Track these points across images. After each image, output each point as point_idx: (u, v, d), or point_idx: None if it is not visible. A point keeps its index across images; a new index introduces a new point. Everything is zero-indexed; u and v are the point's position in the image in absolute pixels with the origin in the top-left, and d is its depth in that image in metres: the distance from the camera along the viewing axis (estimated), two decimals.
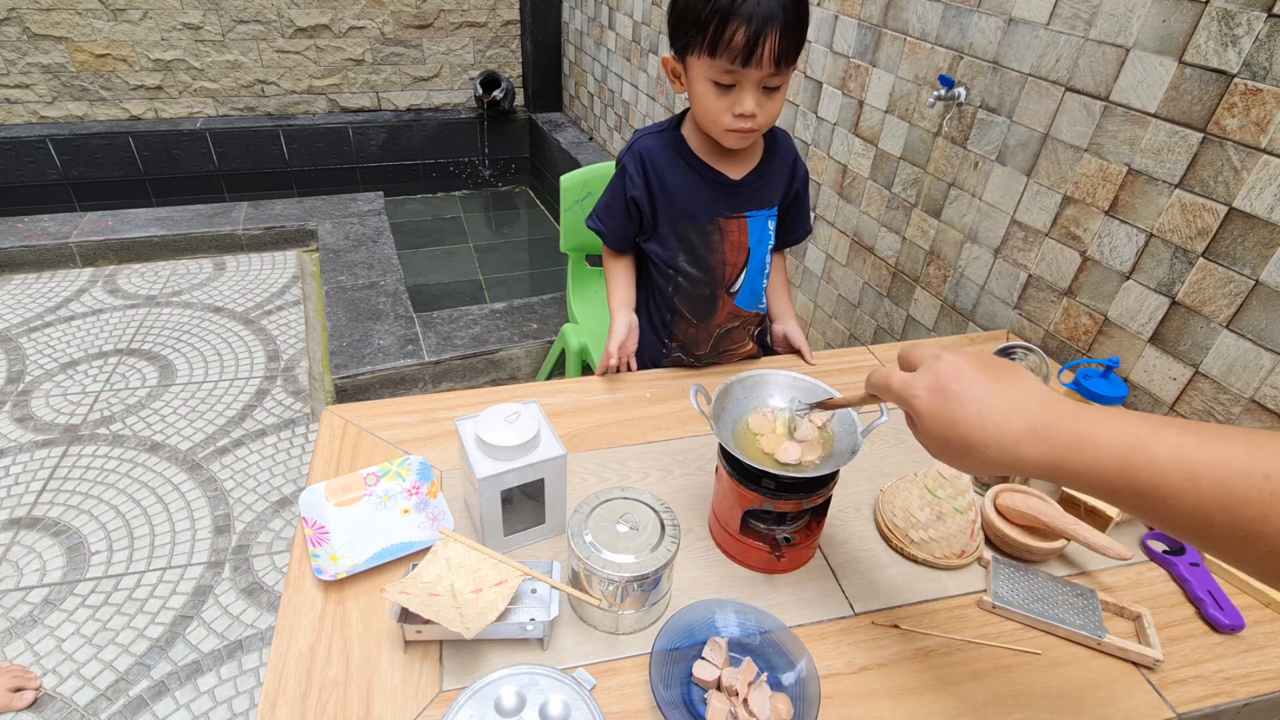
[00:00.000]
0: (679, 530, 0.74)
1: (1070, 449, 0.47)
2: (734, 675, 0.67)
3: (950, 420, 0.52)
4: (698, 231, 1.08)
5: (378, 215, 3.07)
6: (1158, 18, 1.04)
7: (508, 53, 3.92)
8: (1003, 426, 0.50)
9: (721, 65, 0.89)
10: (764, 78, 0.90)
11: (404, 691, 0.68)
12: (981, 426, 0.51)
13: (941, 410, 0.53)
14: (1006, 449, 0.50)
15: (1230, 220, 0.99)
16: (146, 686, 1.37)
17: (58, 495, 1.76)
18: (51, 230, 2.70)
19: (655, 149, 1.05)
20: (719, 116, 0.94)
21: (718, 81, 0.92)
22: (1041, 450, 0.48)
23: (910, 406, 0.55)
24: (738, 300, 1.14)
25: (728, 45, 0.87)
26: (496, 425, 0.77)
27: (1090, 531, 0.81)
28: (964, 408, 0.52)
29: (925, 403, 0.53)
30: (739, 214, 1.08)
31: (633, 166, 1.06)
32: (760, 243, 1.11)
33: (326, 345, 2.30)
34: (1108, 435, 0.46)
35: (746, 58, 0.87)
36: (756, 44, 0.86)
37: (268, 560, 1.63)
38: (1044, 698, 0.71)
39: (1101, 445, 0.46)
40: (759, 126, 0.95)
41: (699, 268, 1.10)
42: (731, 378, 0.84)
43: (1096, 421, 0.47)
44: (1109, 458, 0.45)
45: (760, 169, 1.08)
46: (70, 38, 3.23)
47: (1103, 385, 1.11)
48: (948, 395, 0.53)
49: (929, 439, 0.54)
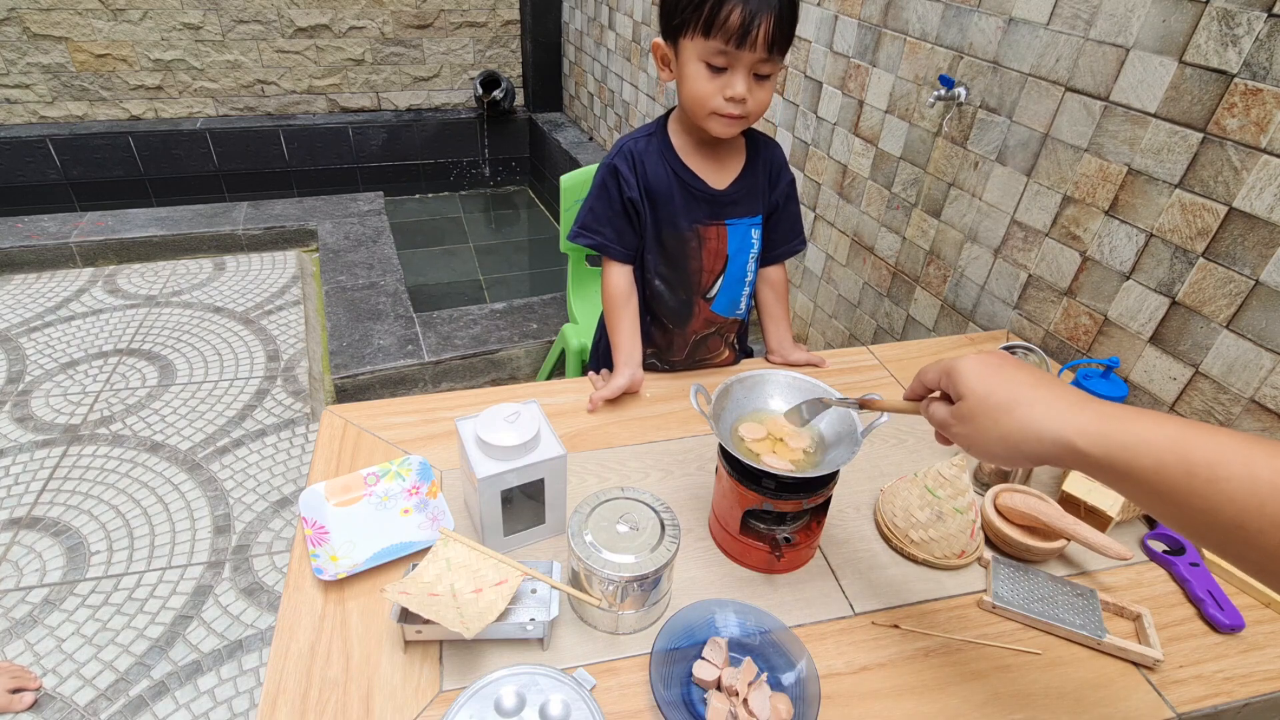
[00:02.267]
0: (679, 530, 0.74)
1: (1123, 419, 0.47)
2: (734, 675, 0.67)
3: (1001, 376, 0.53)
4: (675, 238, 1.06)
5: (378, 215, 3.07)
6: (1158, 18, 1.04)
7: (508, 53, 3.92)
8: (1057, 393, 0.51)
9: (715, 45, 0.90)
10: (756, 62, 0.91)
11: (404, 691, 0.68)
12: (1033, 385, 0.52)
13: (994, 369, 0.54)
14: (1060, 410, 0.50)
15: (1230, 220, 0.99)
16: (146, 686, 1.37)
17: (58, 495, 1.76)
18: (51, 230, 2.70)
19: (644, 152, 1.04)
20: (708, 99, 0.94)
21: (710, 63, 0.92)
22: (1093, 417, 0.48)
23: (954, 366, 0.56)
24: (714, 306, 1.13)
25: (723, 25, 0.88)
26: (496, 425, 0.77)
27: (1090, 531, 0.81)
28: (1017, 371, 0.54)
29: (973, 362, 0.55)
30: (718, 221, 1.07)
31: (625, 167, 1.04)
32: (741, 251, 1.09)
33: (326, 345, 2.30)
34: (1161, 416, 0.47)
35: (741, 38, 0.88)
36: (751, 25, 0.87)
37: (268, 560, 1.63)
38: (1044, 698, 0.71)
39: (1158, 420, 0.46)
40: (747, 114, 0.95)
41: (675, 273, 1.09)
42: (731, 378, 0.84)
43: (1146, 410, 0.48)
44: (1166, 429, 0.45)
45: (743, 177, 1.07)
46: (70, 38, 3.23)
47: (1103, 385, 1.11)
48: (1004, 360, 0.55)
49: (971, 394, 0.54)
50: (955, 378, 0.56)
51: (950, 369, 0.57)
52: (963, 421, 0.55)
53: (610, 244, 1.07)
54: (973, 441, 0.55)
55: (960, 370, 0.56)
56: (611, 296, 1.09)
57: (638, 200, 1.04)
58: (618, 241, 1.07)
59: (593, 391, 1.08)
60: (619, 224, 1.06)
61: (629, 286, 1.10)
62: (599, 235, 1.07)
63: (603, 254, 1.09)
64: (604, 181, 1.06)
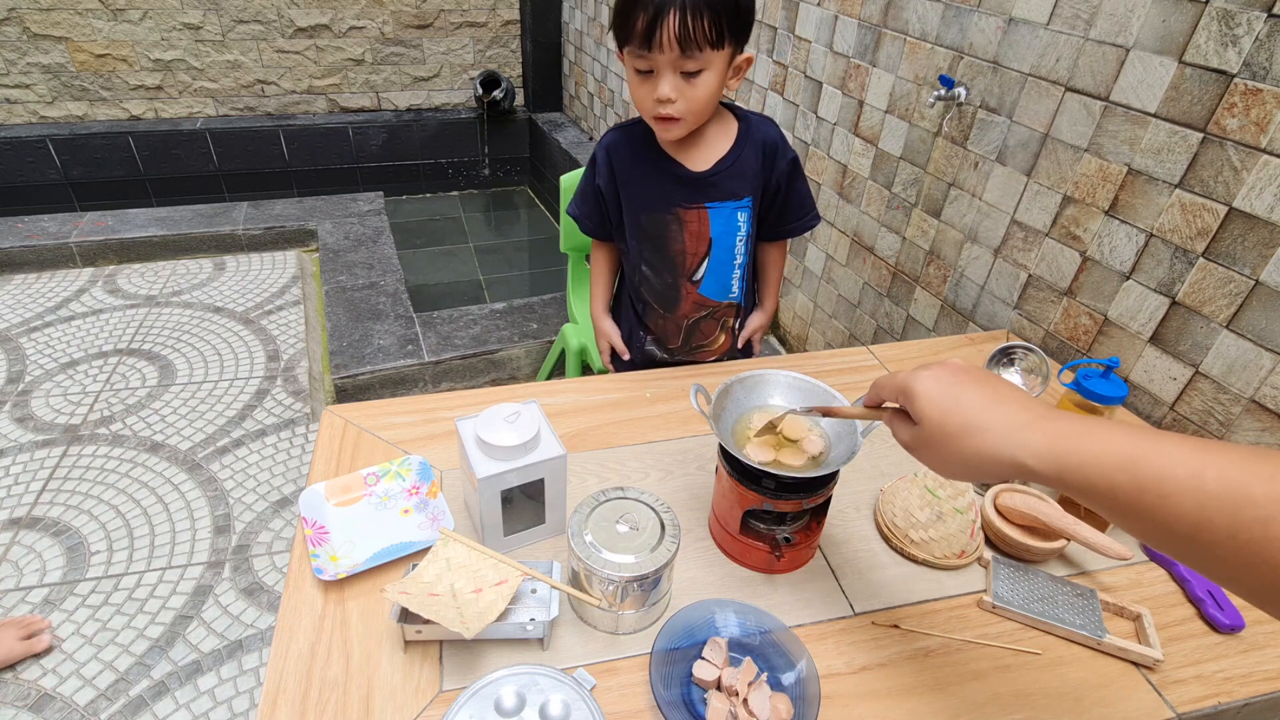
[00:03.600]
0: (679, 530, 0.74)
1: (1073, 438, 0.47)
2: (734, 675, 0.67)
3: (953, 398, 0.52)
4: (655, 221, 1.10)
5: (378, 215, 3.07)
6: (1158, 18, 1.04)
7: (508, 53, 3.92)
8: (1010, 411, 0.50)
9: (635, 51, 0.93)
10: (674, 61, 0.92)
11: (404, 691, 0.68)
12: (985, 407, 0.51)
13: (947, 389, 0.53)
14: (1011, 432, 0.49)
15: (1230, 220, 0.99)
16: (146, 686, 1.37)
17: (58, 495, 1.76)
18: (51, 230, 2.70)
19: (621, 142, 1.10)
20: (643, 104, 0.98)
21: (637, 69, 0.96)
22: (1044, 438, 0.48)
23: (910, 388, 0.55)
24: (702, 289, 1.15)
25: (634, 31, 0.91)
26: (496, 425, 0.77)
27: (1090, 531, 0.81)
28: (970, 390, 0.52)
29: (929, 382, 0.54)
30: (698, 205, 1.08)
31: (601, 157, 1.11)
32: (726, 234, 1.11)
33: (326, 345, 2.30)
34: (1113, 430, 0.46)
35: (647, 40, 0.90)
36: (655, 26, 0.89)
37: (268, 560, 1.63)
38: (1044, 698, 0.71)
39: (1108, 437, 0.46)
40: (681, 114, 0.97)
41: (659, 256, 1.13)
42: (731, 378, 0.84)
43: (1100, 422, 0.47)
44: (1115, 448, 0.45)
45: (727, 160, 1.07)
46: (70, 38, 3.23)
47: (1103, 385, 1.10)
48: (956, 379, 0.54)
49: (927, 419, 0.53)
50: (910, 401, 0.55)
51: (905, 389, 0.56)
52: (923, 447, 0.55)
53: (583, 219, 1.19)
54: (935, 465, 0.55)
55: (914, 392, 0.55)
56: (593, 248, 1.26)
57: (604, 188, 1.12)
58: (588, 219, 1.18)
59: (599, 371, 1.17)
60: (590, 205, 1.17)
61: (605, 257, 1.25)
62: (578, 209, 1.19)
63: (577, 224, 1.20)
64: (588, 166, 1.16)
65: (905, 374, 0.57)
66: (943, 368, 0.55)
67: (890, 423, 0.60)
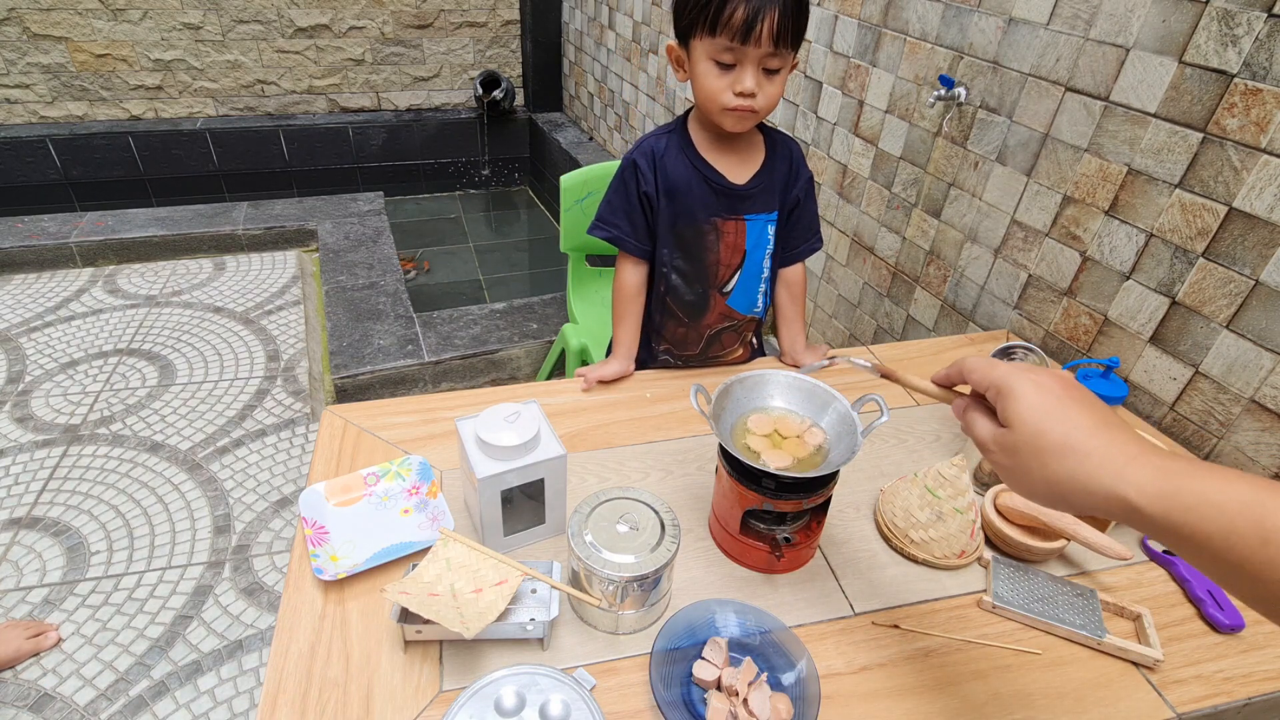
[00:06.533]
0: (679, 530, 0.74)
1: (1188, 476, 0.42)
2: (734, 675, 0.67)
3: (1058, 413, 0.47)
4: (694, 230, 1.08)
5: (378, 215, 3.07)
6: (1158, 18, 1.04)
7: (508, 53, 3.92)
8: (1118, 440, 0.45)
9: (722, 43, 0.93)
10: (763, 57, 0.93)
11: (404, 691, 0.68)
12: (1092, 431, 0.46)
13: (1054, 400, 0.48)
14: (1117, 462, 0.44)
15: (1230, 220, 0.99)
16: (146, 686, 1.37)
17: (58, 495, 1.76)
18: (51, 230, 2.70)
19: (663, 148, 1.07)
20: (719, 95, 0.97)
21: (719, 60, 0.95)
22: (1154, 474, 0.43)
23: (1010, 386, 0.50)
24: (730, 301, 1.14)
25: (728, 22, 0.90)
26: (496, 425, 0.77)
27: (1090, 531, 0.81)
28: (1076, 409, 0.47)
29: (1033, 386, 0.49)
30: (737, 216, 1.08)
31: (645, 163, 1.07)
32: (758, 246, 1.11)
33: (326, 345, 2.30)
34: (1233, 473, 0.42)
35: (745, 34, 0.90)
36: (755, 21, 0.90)
37: (268, 560, 1.63)
38: (1044, 698, 0.71)
39: (1229, 478, 0.41)
40: (758, 108, 0.97)
41: (692, 265, 1.11)
42: (731, 378, 0.84)
43: (1215, 465, 0.43)
44: (1238, 492, 0.40)
45: (762, 174, 1.08)
46: (70, 38, 3.23)
47: (1103, 385, 1.11)
48: (1067, 392, 0.48)
49: (1020, 426, 0.48)
50: (1007, 401, 0.49)
51: (1004, 388, 0.50)
52: (1005, 453, 0.50)
53: (625, 237, 1.10)
54: (1012, 476, 0.50)
55: (1015, 394, 0.49)
56: (621, 291, 1.13)
57: (653, 195, 1.07)
58: (632, 235, 1.10)
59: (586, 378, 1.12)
60: (635, 218, 1.09)
61: (639, 285, 1.13)
62: (615, 228, 1.10)
63: (618, 247, 1.11)
64: (623, 176, 1.09)
65: (1006, 368, 0.51)
66: (1052, 376, 0.50)
67: (964, 413, 0.55)
